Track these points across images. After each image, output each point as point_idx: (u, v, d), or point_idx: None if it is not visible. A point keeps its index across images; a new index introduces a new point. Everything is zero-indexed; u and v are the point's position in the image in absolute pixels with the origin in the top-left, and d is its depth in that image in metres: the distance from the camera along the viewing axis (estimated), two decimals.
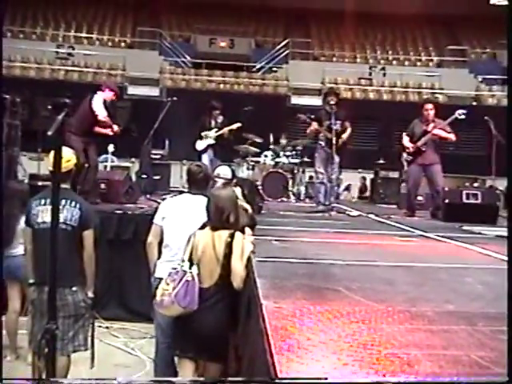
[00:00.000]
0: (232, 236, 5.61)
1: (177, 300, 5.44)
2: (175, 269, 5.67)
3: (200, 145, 14.39)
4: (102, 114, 10.98)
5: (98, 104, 11.00)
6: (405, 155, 12.31)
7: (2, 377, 4.58)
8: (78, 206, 6.29)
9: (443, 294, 4.26)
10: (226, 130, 14.27)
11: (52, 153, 6.26)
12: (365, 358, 2.76)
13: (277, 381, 2.53)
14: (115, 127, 11.31)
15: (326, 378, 2.50)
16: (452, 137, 12.03)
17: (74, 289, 6.24)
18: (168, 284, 5.61)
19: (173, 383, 5.07)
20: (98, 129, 11.14)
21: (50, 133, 3.76)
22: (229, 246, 5.56)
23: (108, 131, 11.28)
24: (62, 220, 6.02)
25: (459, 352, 2.93)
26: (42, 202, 6.32)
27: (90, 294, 6.48)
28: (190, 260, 5.65)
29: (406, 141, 12.19)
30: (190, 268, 5.56)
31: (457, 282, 4.86)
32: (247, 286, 4.98)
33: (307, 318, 3.41)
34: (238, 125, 14.29)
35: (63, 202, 6.16)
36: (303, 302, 3.78)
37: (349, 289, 4.18)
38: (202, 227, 5.86)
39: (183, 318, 5.61)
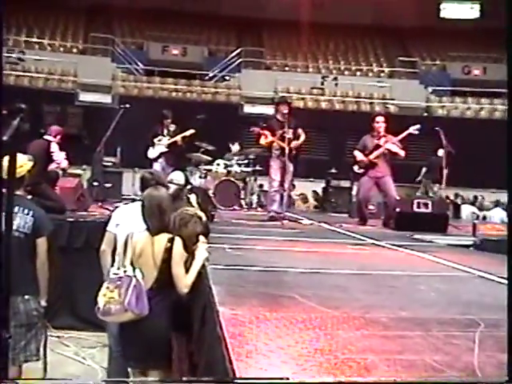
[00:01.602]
0: (171, 241, 5.58)
1: (130, 307, 5.39)
2: (116, 274, 5.61)
3: (152, 153, 14.37)
4: (64, 163, 11.50)
5: (58, 153, 11.28)
6: (356, 168, 12.43)
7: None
8: (31, 213, 6.20)
9: (397, 301, 4.32)
10: (179, 137, 14.27)
11: (5, 159, 6.20)
12: (323, 364, 2.79)
13: (239, 381, 2.55)
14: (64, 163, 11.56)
15: (288, 378, 2.51)
16: (402, 153, 12.21)
17: (26, 297, 6.13)
18: (112, 291, 5.53)
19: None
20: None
21: (5, 138, 3.71)
22: (168, 252, 5.53)
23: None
24: (14, 227, 5.93)
25: (414, 356, 2.97)
26: None
27: (43, 303, 6.38)
28: (132, 264, 5.61)
29: (358, 155, 12.31)
30: (133, 272, 5.52)
31: (410, 289, 4.94)
32: (201, 293, 4.97)
33: (264, 324, 3.42)
34: (192, 131, 14.30)
35: (16, 209, 6.07)
36: (259, 308, 3.80)
37: (303, 296, 4.20)
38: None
39: (126, 324, 5.57)
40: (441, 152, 18.51)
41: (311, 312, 3.77)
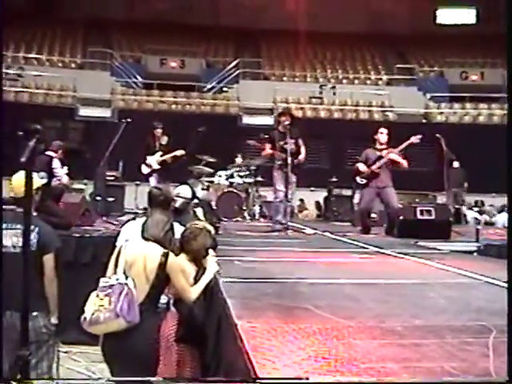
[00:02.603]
0: (166, 256, 5.60)
1: (122, 313, 5.40)
2: (107, 282, 5.64)
3: (145, 169, 14.49)
4: (65, 178, 11.60)
5: (59, 168, 11.35)
6: (358, 179, 12.48)
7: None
8: (36, 229, 6.21)
9: (409, 309, 4.39)
10: (168, 157, 14.36)
11: (16, 178, 6.28)
12: (345, 373, 2.86)
13: (259, 381, 2.61)
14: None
15: (308, 378, 2.57)
16: (405, 164, 12.29)
17: (34, 314, 6.08)
18: (102, 299, 5.56)
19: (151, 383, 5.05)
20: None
21: (23, 159, 3.79)
22: (162, 267, 5.58)
23: None
24: (20, 244, 5.99)
25: (432, 364, 3.05)
26: (3, 226, 6.26)
27: (54, 320, 6.38)
28: (125, 273, 5.65)
29: (361, 165, 12.38)
30: (125, 280, 5.56)
31: (420, 297, 5.01)
32: (215, 306, 5.04)
33: (282, 336, 3.49)
34: (182, 152, 14.40)
35: (20, 226, 6.13)
36: (275, 320, 3.87)
37: (317, 307, 4.27)
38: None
39: (112, 338, 5.59)
40: (456, 164, 18.76)
41: (327, 323, 3.84)
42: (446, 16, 32.38)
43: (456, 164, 18.63)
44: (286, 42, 29.49)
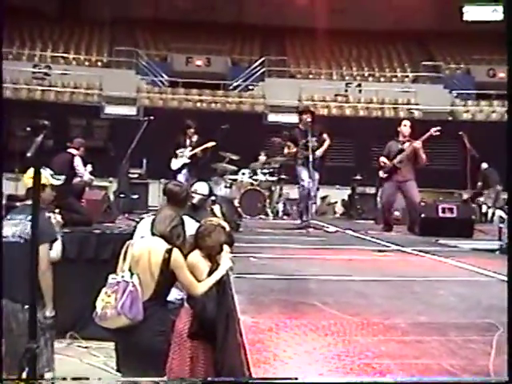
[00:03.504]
0: (169, 252, 5.62)
1: (123, 311, 5.45)
2: (114, 279, 5.68)
3: (175, 164, 14.47)
4: (86, 176, 11.50)
5: (81, 166, 11.33)
6: (381, 173, 12.45)
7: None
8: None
9: (416, 307, 4.36)
10: (199, 149, 14.34)
11: (28, 173, 6.35)
12: (339, 369, 2.85)
13: (251, 381, 2.61)
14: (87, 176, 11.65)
15: (297, 378, 2.56)
16: (424, 159, 12.19)
17: (26, 307, 6.06)
18: (109, 296, 5.61)
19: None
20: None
21: (29, 154, 3.82)
22: (166, 263, 5.58)
23: None
24: (18, 234, 6.08)
25: (430, 361, 3.02)
26: (8, 217, 6.36)
27: (48, 313, 6.37)
28: (130, 270, 5.68)
29: (382, 160, 12.34)
30: (131, 278, 5.59)
31: (430, 294, 4.96)
32: (225, 303, 5.04)
33: (283, 331, 3.49)
34: (212, 143, 14.37)
35: (21, 216, 6.21)
36: (280, 316, 3.86)
37: (324, 303, 4.26)
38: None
39: (122, 333, 5.64)
40: (485, 165, 18.63)
41: (331, 319, 3.82)
42: (473, 13, 32.01)
43: (485, 164, 18.48)
44: (312, 40, 29.34)
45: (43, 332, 6.32)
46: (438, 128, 12.13)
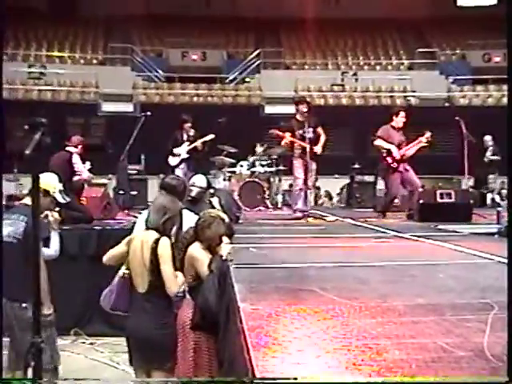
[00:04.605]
0: (157, 242, 5.67)
1: (103, 303, 5.66)
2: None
3: (173, 160, 14.53)
4: (85, 173, 11.49)
5: (79, 164, 11.34)
6: (390, 161, 12.30)
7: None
8: (25, 219, 6.32)
9: (414, 289, 4.42)
10: (199, 142, 14.40)
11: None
12: (337, 350, 2.91)
13: (249, 381, 2.66)
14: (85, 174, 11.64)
15: (296, 378, 2.61)
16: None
17: (23, 305, 6.13)
18: None
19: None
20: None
21: (27, 152, 3.86)
22: (154, 253, 5.65)
23: None
24: (11, 233, 6.14)
25: (426, 340, 3.08)
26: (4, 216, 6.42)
27: (46, 311, 6.41)
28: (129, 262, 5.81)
29: (393, 147, 12.25)
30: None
31: (428, 277, 5.03)
32: (226, 293, 5.10)
33: (283, 317, 3.55)
34: (212, 136, 14.43)
35: (14, 216, 6.27)
36: (279, 302, 3.92)
37: (323, 289, 4.31)
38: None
39: (129, 325, 5.76)
40: (489, 138, 18.64)
41: (330, 303, 3.88)
42: None
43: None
44: (307, 30, 29.33)
45: (44, 330, 6.36)
46: (429, 134, 12.23)
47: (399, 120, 12.42)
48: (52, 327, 6.61)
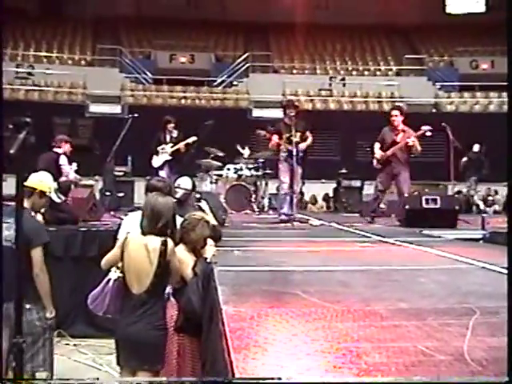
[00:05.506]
0: (165, 244, 5.64)
1: (92, 306, 5.68)
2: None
3: (156, 161, 14.51)
4: (72, 175, 11.66)
5: (66, 165, 11.36)
6: (375, 162, 12.45)
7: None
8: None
9: (397, 294, 4.43)
10: (181, 144, 14.39)
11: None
12: (317, 352, 2.91)
13: (234, 381, 2.66)
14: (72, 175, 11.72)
15: (280, 378, 2.61)
16: (419, 148, 12.29)
17: (27, 306, 6.02)
18: None
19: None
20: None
21: (11, 151, 3.85)
22: (163, 255, 5.63)
23: None
24: (9, 238, 6.09)
25: (407, 344, 3.09)
26: None
27: (48, 315, 6.45)
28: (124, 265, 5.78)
29: (376, 149, 12.38)
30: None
31: (411, 282, 5.04)
32: (209, 295, 5.10)
33: (264, 319, 3.55)
34: (194, 138, 14.42)
35: (11, 220, 6.22)
36: (262, 305, 3.92)
37: (306, 292, 4.32)
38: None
39: (118, 325, 5.76)
40: (476, 147, 18.81)
41: (312, 307, 3.89)
42: (456, 5, 32.13)
43: (476, 147, 18.74)
44: (295, 35, 29.39)
45: (43, 332, 6.37)
46: (430, 128, 12.25)
47: (392, 119, 12.46)
48: (51, 331, 6.59)
